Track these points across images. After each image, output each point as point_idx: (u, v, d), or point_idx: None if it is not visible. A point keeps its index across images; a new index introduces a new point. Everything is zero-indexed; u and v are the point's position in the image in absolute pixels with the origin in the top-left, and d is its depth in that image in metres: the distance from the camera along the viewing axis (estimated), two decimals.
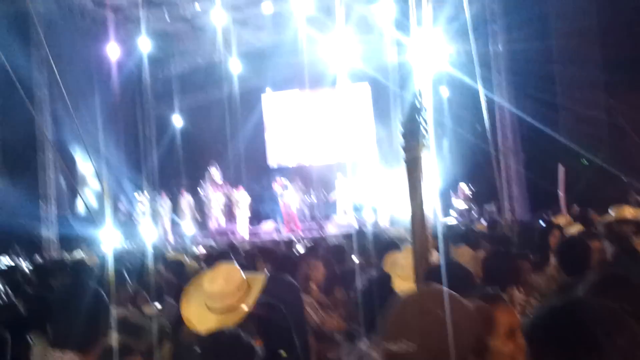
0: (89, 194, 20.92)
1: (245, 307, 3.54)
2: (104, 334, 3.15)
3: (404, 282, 4.08)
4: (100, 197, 20.90)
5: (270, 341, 2.57)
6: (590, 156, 16.35)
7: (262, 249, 8.85)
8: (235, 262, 6.96)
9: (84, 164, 20.52)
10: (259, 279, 3.90)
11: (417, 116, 3.40)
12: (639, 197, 14.05)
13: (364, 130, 23.81)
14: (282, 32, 21.83)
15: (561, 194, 13.78)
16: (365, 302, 3.74)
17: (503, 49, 19.38)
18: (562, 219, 9.70)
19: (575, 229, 7.62)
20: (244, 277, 3.74)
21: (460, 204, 20.39)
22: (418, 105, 3.37)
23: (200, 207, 22.48)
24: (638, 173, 15.03)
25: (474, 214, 20.01)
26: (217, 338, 2.50)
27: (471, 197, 20.45)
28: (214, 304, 3.57)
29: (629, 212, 7.60)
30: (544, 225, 9.90)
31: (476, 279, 4.15)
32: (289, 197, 20.95)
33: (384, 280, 4.03)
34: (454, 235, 8.10)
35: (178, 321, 3.92)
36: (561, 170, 13.89)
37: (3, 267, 11.83)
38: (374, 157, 22.62)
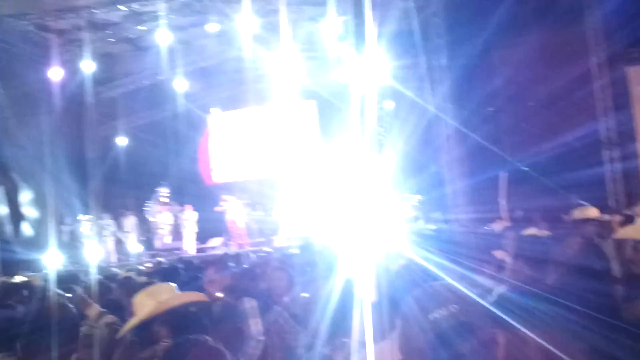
0: (32, 218, 20.63)
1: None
2: (74, 350, 3.17)
3: None
4: (43, 220, 20.65)
5: None
6: (531, 166, 16.83)
7: (210, 262, 8.88)
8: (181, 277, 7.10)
9: (27, 188, 20.26)
10: (187, 295, 4.10)
11: (375, 129, 3.54)
12: (581, 202, 14.45)
13: (310, 146, 23.95)
14: (227, 50, 21.90)
15: (502, 200, 14.15)
16: (330, 310, 3.86)
17: (447, 63, 19.82)
18: (498, 225, 10.02)
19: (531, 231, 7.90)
20: (174, 293, 3.95)
21: (407, 212, 20.57)
22: (375, 119, 3.51)
23: (147, 226, 22.36)
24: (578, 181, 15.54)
25: (421, 221, 20.27)
26: (182, 343, 2.57)
27: (417, 205, 20.68)
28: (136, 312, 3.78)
29: (593, 212, 7.80)
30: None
31: None
32: (235, 213, 20.98)
33: (348, 289, 4.12)
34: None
35: None
36: (503, 177, 14.28)
37: None
38: (319, 172, 22.75)
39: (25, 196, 20.59)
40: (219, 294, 5.77)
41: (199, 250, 21.25)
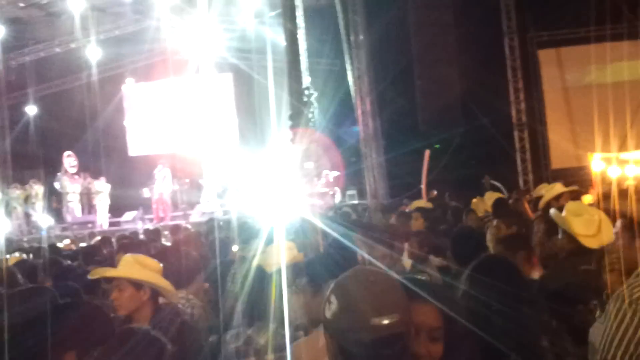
0: None
1: None
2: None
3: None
4: None
5: None
6: (446, 143, 17.18)
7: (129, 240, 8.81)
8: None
9: None
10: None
11: (305, 110, 3.55)
12: (492, 181, 14.92)
13: (227, 118, 23.77)
14: (142, 20, 21.45)
15: (424, 177, 14.41)
16: (246, 293, 3.86)
17: (364, 40, 19.92)
18: (420, 203, 10.18)
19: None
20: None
21: (321, 188, 20.65)
22: (306, 99, 3.52)
23: (58, 197, 21.80)
24: (489, 158, 15.97)
25: (335, 198, 20.42)
26: (127, 334, 2.57)
27: (333, 182, 20.79)
28: None
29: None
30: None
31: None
32: (163, 185, 20.62)
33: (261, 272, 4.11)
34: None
35: None
36: (426, 155, 14.53)
37: None
38: (236, 145, 22.66)
39: None
40: None
41: (112, 224, 20.86)
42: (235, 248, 6.94)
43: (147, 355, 2.47)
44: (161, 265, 4.25)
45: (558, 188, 7.83)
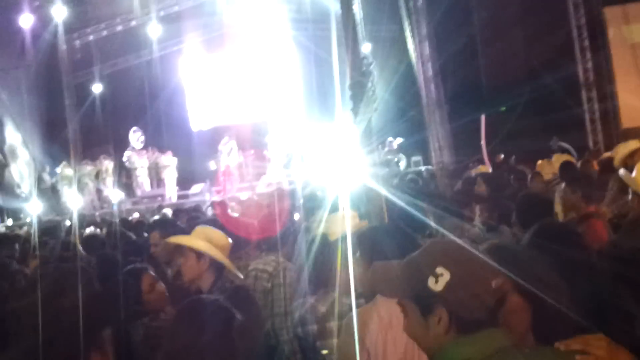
0: (13, 168, 20.49)
1: None
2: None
3: None
4: (22, 169, 20.53)
5: None
6: (512, 107, 16.85)
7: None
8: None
9: (4, 138, 20.08)
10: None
11: (365, 80, 3.53)
12: (561, 142, 14.62)
13: (290, 89, 23.74)
14: None
15: (483, 143, 14.22)
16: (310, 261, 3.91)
17: (425, 5, 19.63)
18: (483, 169, 10.08)
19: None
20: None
21: (383, 156, 20.47)
22: (365, 69, 3.50)
23: (127, 172, 22.25)
24: (557, 120, 15.63)
25: (399, 164, 20.27)
26: (196, 303, 2.62)
27: (396, 149, 20.64)
28: None
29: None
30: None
31: None
32: (230, 157, 20.81)
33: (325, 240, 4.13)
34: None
35: None
36: (482, 120, 14.32)
37: None
38: (300, 115, 22.61)
39: (6, 147, 20.40)
40: None
41: (180, 197, 21.20)
42: (297, 217, 6.99)
43: (216, 324, 2.51)
44: (230, 240, 4.36)
45: (632, 144, 7.56)
